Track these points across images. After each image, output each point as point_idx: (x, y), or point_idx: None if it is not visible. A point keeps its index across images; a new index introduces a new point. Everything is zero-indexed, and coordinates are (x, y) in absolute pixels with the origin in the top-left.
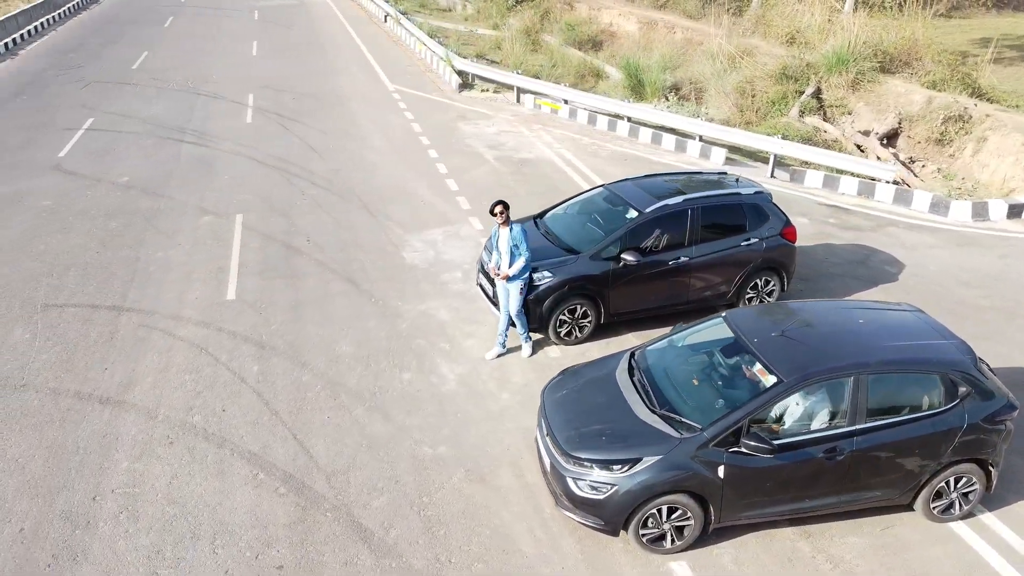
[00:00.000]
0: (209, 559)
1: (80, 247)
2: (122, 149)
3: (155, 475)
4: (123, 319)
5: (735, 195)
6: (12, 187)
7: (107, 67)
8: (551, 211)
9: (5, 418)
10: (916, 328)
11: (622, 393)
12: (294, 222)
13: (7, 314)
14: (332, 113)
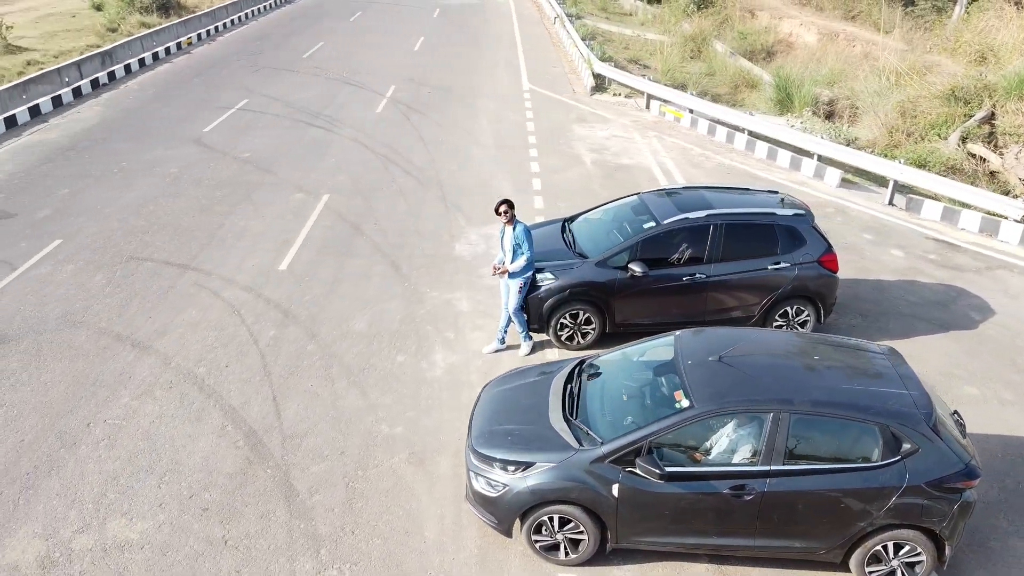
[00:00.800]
0: (151, 491)
1: (181, 211)
2: (258, 129)
3: (144, 413)
4: (184, 276)
5: (768, 215)
6: (153, 155)
7: (282, 55)
8: (583, 215)
9: (53, 347)
10: (877, 373)
11: (548, 398)
12: (372, 206)
13: (97, 261)
14: (457, 107)
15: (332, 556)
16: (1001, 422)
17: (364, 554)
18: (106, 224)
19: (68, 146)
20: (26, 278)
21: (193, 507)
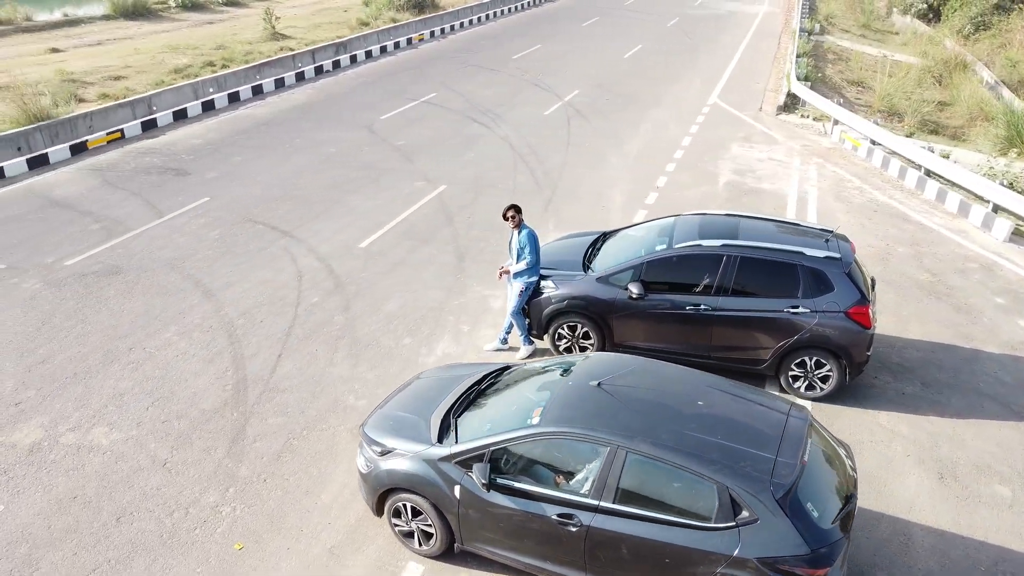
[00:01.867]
0: (140, 411)
1: (315, 185)
2: (427, 120)
3: (175, 348)
4: (280, 241)
5: (795, 254)
6: (325, 136)
7: (495, 55)
8: (623, 230)
9: (146, 283)
10: (758, 430)
11: (448, 394)
12: (477, 200)
13: (222, 219)
14: (624, 116)
15: (235, 495)
16: (1015, 534)
17: (262, 500)
18: (250, 190)
19: (264, 122)
20: (165, 225)
21: (160, 430)
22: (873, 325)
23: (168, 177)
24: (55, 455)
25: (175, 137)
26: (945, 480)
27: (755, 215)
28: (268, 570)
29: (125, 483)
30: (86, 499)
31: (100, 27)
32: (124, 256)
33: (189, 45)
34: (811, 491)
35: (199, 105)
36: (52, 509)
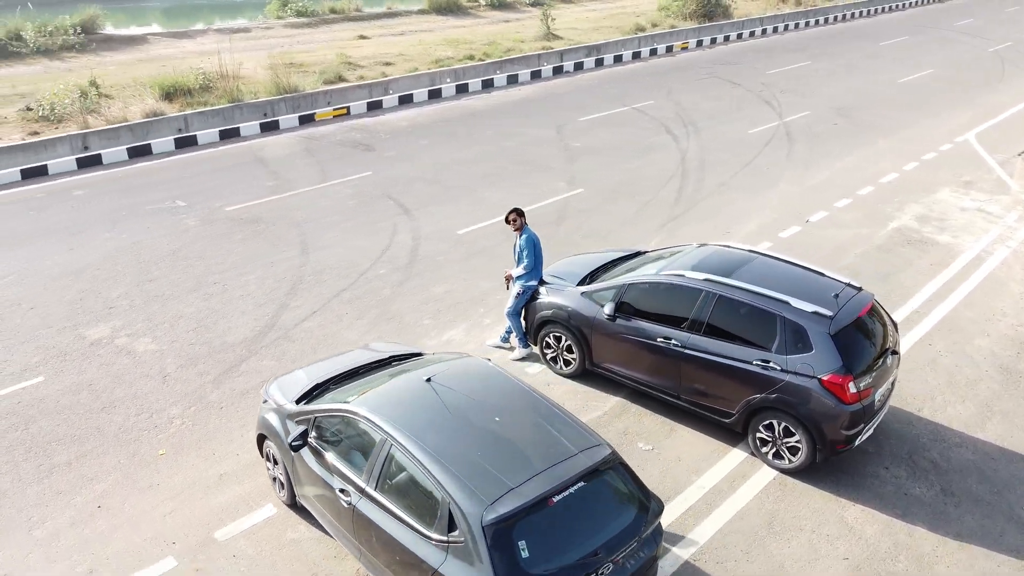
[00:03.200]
0: (180, 333)
1: (468, 174)
2: (619, 127)
3: (246, 288)
4: (396, 217)
5: (779, 303)
6: (515, 131)
7: (749, 69)
8: (656, 251)
9: (269, 234)
10: (527, 457)
11: (348, 366)
12: (601, 207)
13: (367, 192)
14: (836, 144)
15: (192, 414)
16: None
17: (205, 422)
18: (407, 171)
19: (472, 114)
20: (319, 190)
21: (182, 351)
22: (858, 401)
23: (355, 151)
24: (102, 351)
25: (388, 119)
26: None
27: (780, 257)
28: (164, 476)
29: (128, 384)
30: (95, 388)
31: (411, 20)
32: (269, 209)
33: (465, 40)
34: (544, 532)
35: (425, 93)
36: (70, 389)
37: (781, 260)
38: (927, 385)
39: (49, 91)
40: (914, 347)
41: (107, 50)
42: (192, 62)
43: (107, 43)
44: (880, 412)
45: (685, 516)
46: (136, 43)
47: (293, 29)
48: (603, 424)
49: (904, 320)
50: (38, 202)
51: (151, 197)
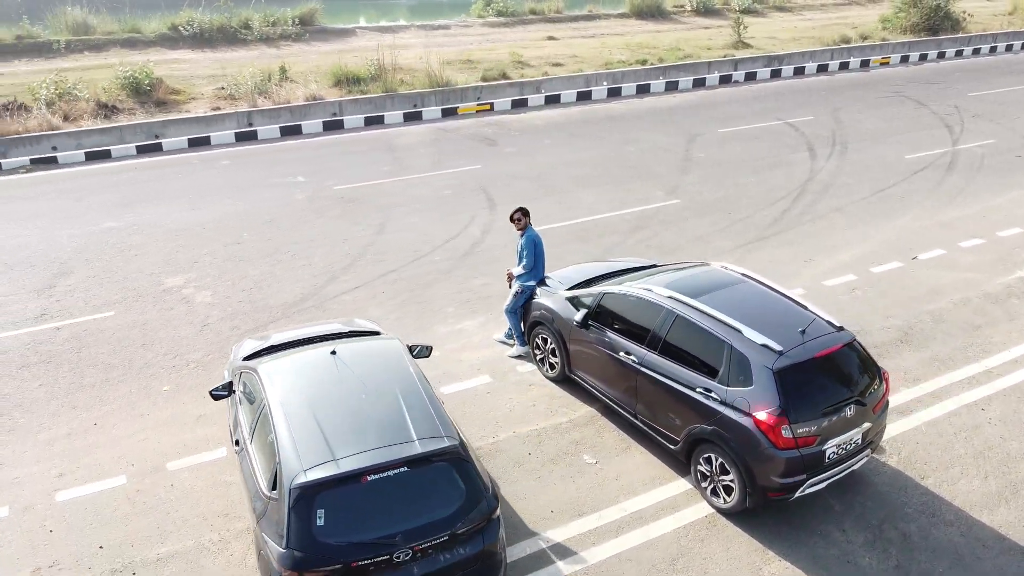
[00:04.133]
0: (238, 291)
1: (569, 175)
2: (754, 142)
3: (310, 259)
4: (479, 209)
5: (732, 330)
6: (645, 137)
7: (949, 90)
8: (678, 265)
9: (354, 213)
10: (364, 432)
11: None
12: (686, 221)
13: (465, 184)
14: (989, 176)
15: (209, 360)
16: None
17: (213, 370)
18: (516, 167)
19: (611, 117)
20: (427, 177)
21: (232, 306)
22: (794, 448)
23: (478, 145)
24: (168, 297)
25: (527, 117)
26: None
27: (771, 285)
28: (157, 409)
29: (173, 327)
30: (146, 328)
31: (607, 23)
32: (370, 191)
33: (649, 45)
34: (348, 507)
35: (575, 94)
36: (127, 325)
37: (770, 289)
38: (950, 453)
39: (240, 73)
40: (962, 409)
41: (318, 40)
42: (380, 54)
43: (320, 34)
44: (842, 466)
45: (591, 533)
46: (344, 36)
47: (489, 28)
48: (561, 431)
49: (969, 378)
50: (191, 167)
51: (280, 171)
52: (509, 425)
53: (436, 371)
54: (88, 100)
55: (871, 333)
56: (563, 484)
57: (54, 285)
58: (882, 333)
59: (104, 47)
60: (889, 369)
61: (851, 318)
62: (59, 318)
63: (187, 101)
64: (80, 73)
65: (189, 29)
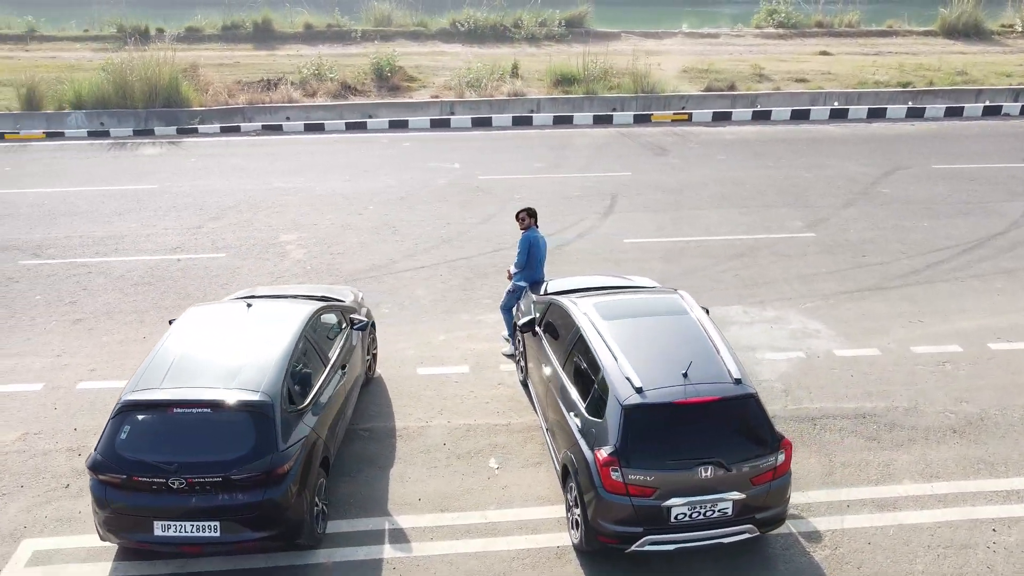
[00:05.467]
0: (329, 255)
1: (707, 194)
2: (966, 184)
3: (405, 235)
4: (590, 217)
5: (611, 359)
6: (841, 165)
7: None
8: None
9: (472, 203)
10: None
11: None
12: (805, 258)
13: (599, 190)
14: None
15: None
16: None
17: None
18: (663, 179)
19: (820, 140)
20: (567, 178)
21: (307, 264)
22: (625, 495)
23: (646, 153)
24: (272, 250)
25: (720, 131)
26: None
27: (708, 329)
28: None
29: (256, 274)
30: (228, 270)
31: (905, 41)
32: (504, 184)
33: (928, 67)
34: (148, 430)
35: (789, 112)
36: (226, 267)
37: (704, 330)
38: (904, 569)
39: (472, 67)
40: (966, 522)
41: (579, 42)
42: (624, 58)
43: (583, 36)
44: (701, 534)
45: (437, 529)
46: (606, 39)
47: (761, 39)
48: (490, 432)
49: (1005, 491)
50: (376, 145)
51: (445, 157)
52: (449, 415)
53: (429, 352)
54: (334, 81)
55: (924, 414)
56: (450, 479)
57: (201, 226)
58: (938, 416)
59: (392, 38)
60: (915, 459)
61: (911, 392)
62: (184, 252)
63: (416, 89)
64: (355, 59)
65: (465, 26)
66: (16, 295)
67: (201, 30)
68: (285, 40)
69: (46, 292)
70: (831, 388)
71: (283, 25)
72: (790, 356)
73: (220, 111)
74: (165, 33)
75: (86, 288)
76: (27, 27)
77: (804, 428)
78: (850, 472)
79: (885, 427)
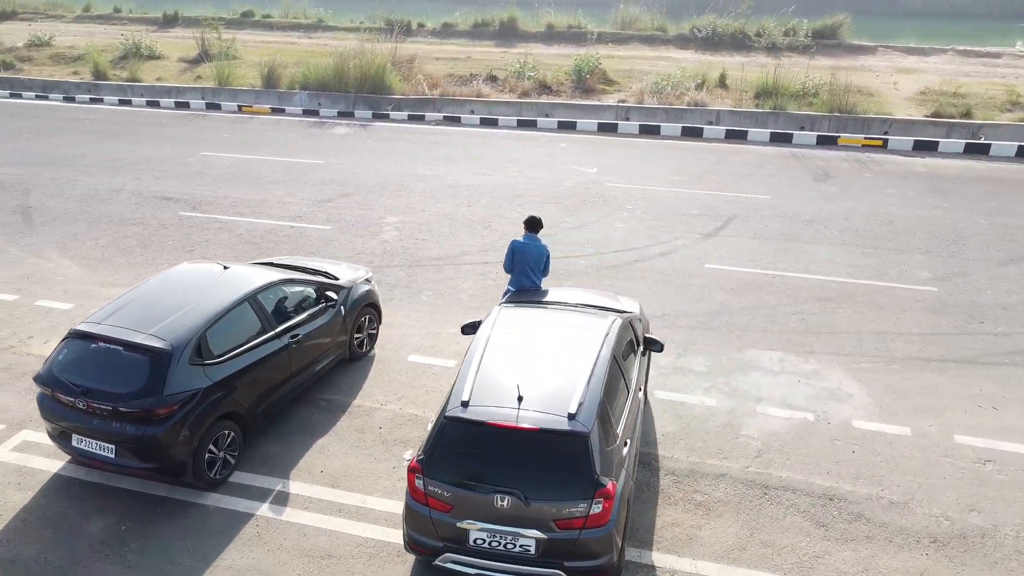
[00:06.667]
0: (413, 234)
1: (844, 227)
2: None
3: (510, 230)
4: (684, 236)
5: (461, 403)
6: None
7: None
8: None
9: (585, 205)
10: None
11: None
12: (916, 314)
13: (717, 211)
14: None
15: None
16: None
17: None
18: (800, 208)
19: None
20: (691, 194)
21: (398, 244)
22: (424, 503)
23: (803, 177)
24: (370, 228)
25: (915, 161)
26: None
27: (597, 356)
28: None
29: (343, 247)
30: (337, 243)
31: None
32: (626, 193)
33: None
34: (77, 356)
35: (1015, 147)
36: (327, 238)
37: (595, 360)
38: None
39: (674, 74)
40: None
41: (824, 55)
42: (864, 75)
43: (831, 49)
44: (499, 565)
45: (318, 502)
46: (858, 53)
47: None
48: (419, 421)
49: None
50: (532, 143)
51: (587, 160)
52: (404, 403)
53: (430, 342)
54: (531, 79)
55: (912, 514)
56: (361, 460)
57: (331, 200)
58: (928, 519)
59: (626, 41)
60: (855, 560)
61: (913, 486)
62: (300, 221)
63: (611, 92)
64: (573, 60)
65: (703, 31)
66: (158, 239)
67: (454, 26)
68: (526, 39)
69: (179, 239)
70: (816, 460)
71: (527, 24)
72: (794, 416)
73: (414, 100)
74: (424, 27)
75: (208, 240)
76: (317, 18)
77: (746, 494)
78: (763, 554)
79: (847, 517)
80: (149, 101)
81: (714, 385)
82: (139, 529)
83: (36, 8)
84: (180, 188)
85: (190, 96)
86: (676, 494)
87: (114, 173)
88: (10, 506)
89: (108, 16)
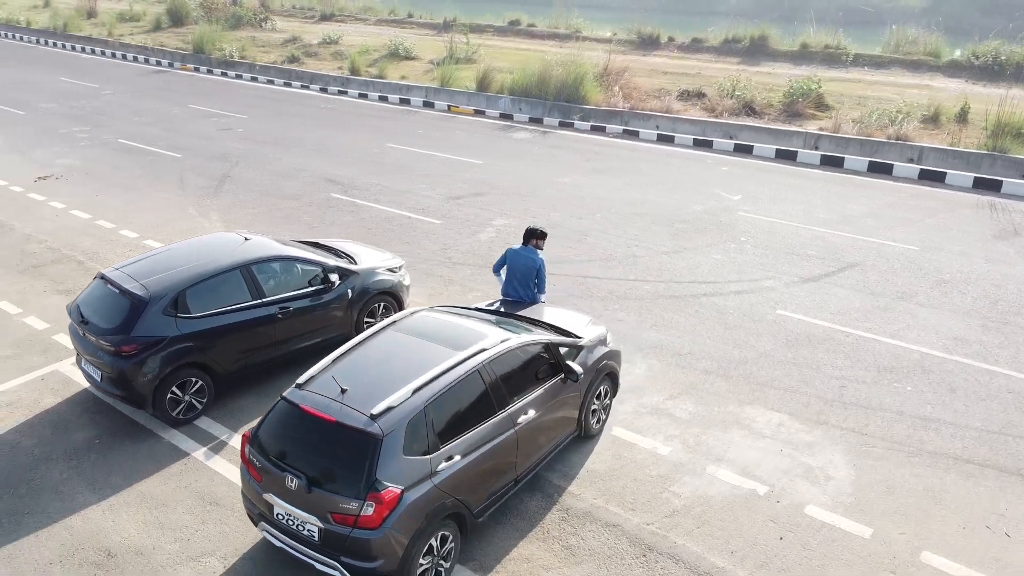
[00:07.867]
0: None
1: (922, 276)
2: None
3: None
4: (755, 272)
5: (296, 385)
6: None
7: None
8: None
9: (687, 232)
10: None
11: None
12: (969, 373)
13: (798, 239)
14: None
15: None
16: None
17: None
18: (939, 261)
19: None
20: (820, 232)
21: (478, 244)
22: (245, 466)
23: (981, 231)
24: (472, 225)
25: None
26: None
27: (451, 368)
28: None
29: (442, 238)
30: (434, 235)
31: None
32: (742, 221)
33: None
34: (88, 298)
35: None
36: (432, 228)
37: (445, 371)
38: None
39: (903, 103)
40: None
41: None
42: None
43: None
44: (294, 544)
45: (234, 451)
46: None
47: None
48: None
49: None
50: (701, 166)
51: (739, 187)
52: None
53: None
54: (737, 99)
55: None
56: None
57: (459, 198)
58: None
59: (886, 65)
60: None
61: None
62: (417, 213)
63: (822, 119)
64: (792, 83)
65: (980, 59)
66: (298, 214)
67: (704, 41)
68: (775, 58)
69: (313, 217)
70: (728, 537)
71: (779, 43)
72: (742, 486)
73: (604, 111)
74: (674, 41)
75: (333, 221)
76: (574, 28)
77: (624, 551)
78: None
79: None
80: (380, 96)
81: (681, 435)
82: (108, 443)
83: (350, 12)
84: (347, 173)
85: (414, 94)
86: (553, 531)
87: (311, 155)
88: (40, 407)
89: (402, 20)
